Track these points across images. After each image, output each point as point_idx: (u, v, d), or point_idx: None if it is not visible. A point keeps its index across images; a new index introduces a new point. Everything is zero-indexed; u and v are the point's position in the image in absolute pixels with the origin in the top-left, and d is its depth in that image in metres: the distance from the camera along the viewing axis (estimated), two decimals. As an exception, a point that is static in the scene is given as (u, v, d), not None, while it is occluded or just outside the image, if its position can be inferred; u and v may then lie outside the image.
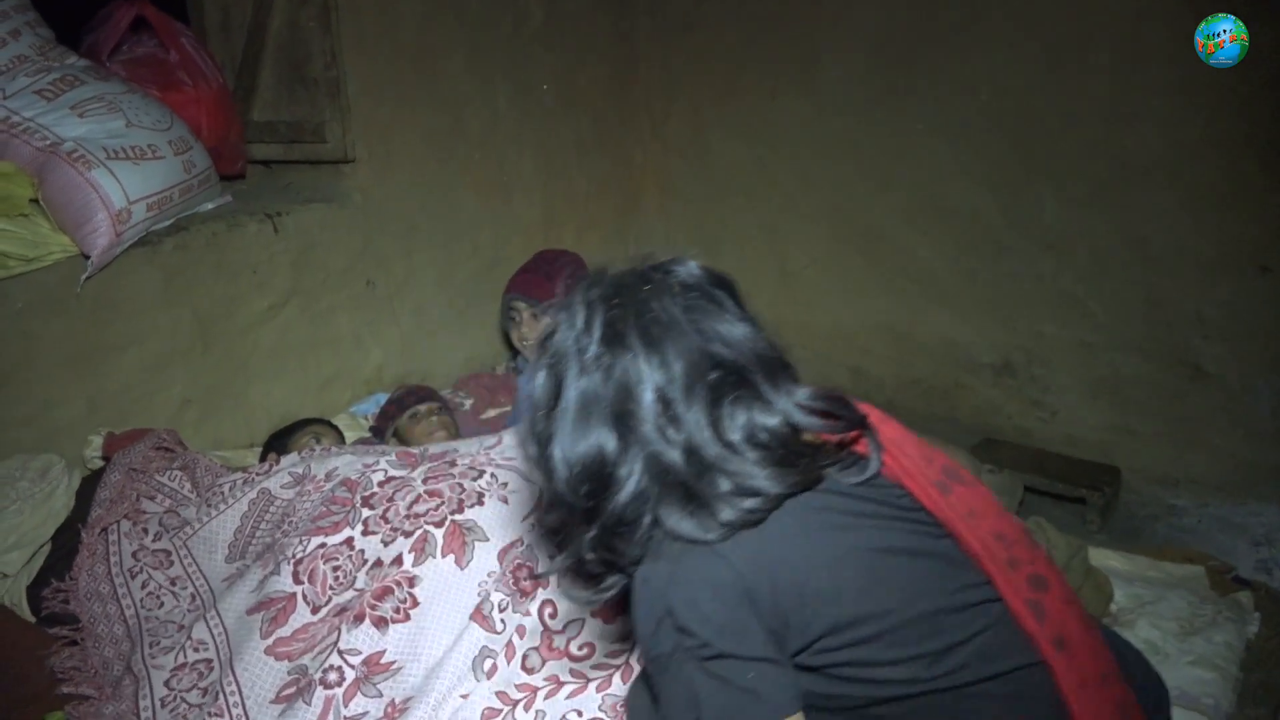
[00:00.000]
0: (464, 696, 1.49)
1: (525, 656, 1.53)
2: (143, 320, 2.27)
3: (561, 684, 1.50)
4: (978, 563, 1.10)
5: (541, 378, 1.10)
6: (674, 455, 1.03)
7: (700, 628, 1.01)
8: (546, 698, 1.48)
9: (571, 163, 3.27)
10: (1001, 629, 1.08)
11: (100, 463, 2.14)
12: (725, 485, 1.03)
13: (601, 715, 1.47)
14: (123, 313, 2.23)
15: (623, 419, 1.04)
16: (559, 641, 1.54)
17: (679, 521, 1.04)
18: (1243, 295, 2.43)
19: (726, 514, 1.03)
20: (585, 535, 1.09)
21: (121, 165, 2.16)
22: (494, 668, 1.51)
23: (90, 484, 2.04)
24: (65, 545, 1.93)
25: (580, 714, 1.48)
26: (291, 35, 2.62)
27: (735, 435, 1.04)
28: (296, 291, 2.58)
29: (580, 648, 1.53)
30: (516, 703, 1.49)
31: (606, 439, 1.04)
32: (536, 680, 1.51)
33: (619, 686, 1.49)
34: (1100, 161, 2.57)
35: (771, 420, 1.05)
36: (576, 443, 1.05)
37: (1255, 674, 1.77)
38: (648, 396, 1.04)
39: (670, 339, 1.05)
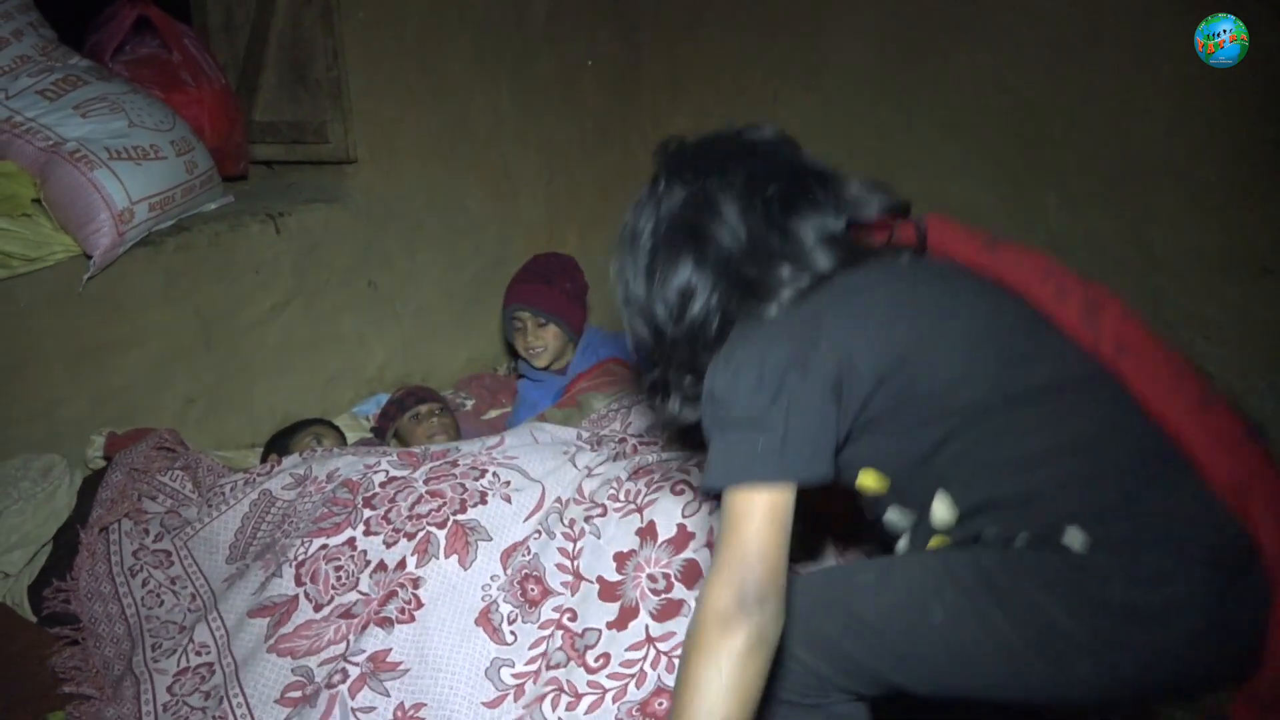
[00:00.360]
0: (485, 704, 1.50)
1: (549, 656, 1.55)
2: (145, 320, 2.28)
3: (580, 696, 1.50)
4: (1027, 301, 1.18)
5: (633, 225, 1.27)
6: (738, 252, 1.16)
7: (727, 396, 1.12)
8: (567, 709, 1.48)
9: (575, 162, 3.26)
10: (1060, 350, 1.14)
11: (102, 462, 2.14)
12: (784, 270, 1.15)
13: None
14: (125, 312, 2.24)
15: (698, 233, 1.18)
16: (579, 644, 1.55)
17: (742, 310, 1.16)
18: (1245, 297, 2.42)
19: (784, 294, 1.14)
20: (682, 360, 1.23)
21: (124, 165, 2.16)
22: (521, 689, 1.53)
23: (92, 484, 2.04)
24: (66, 545, 1.93)
25: None
26: (294, 35, 2.62)
27: (793, 228, 1.17)
28: (299, 292, 2.58)
29: (596, 659, 1.53)
30: (543, 697, 1.50)
31: (690, 266, 1.18)
32: (560, 676, 1.53)
33: (633, 693, 1.49)
34: (1105, 161, 2.55)
35: (826, 214, 1.19)
36: (668, 278, 1.20)
37: (1258, 676, 1.77)
38: (717, 207, 1.18)
39: (734, 163, 1.20)
